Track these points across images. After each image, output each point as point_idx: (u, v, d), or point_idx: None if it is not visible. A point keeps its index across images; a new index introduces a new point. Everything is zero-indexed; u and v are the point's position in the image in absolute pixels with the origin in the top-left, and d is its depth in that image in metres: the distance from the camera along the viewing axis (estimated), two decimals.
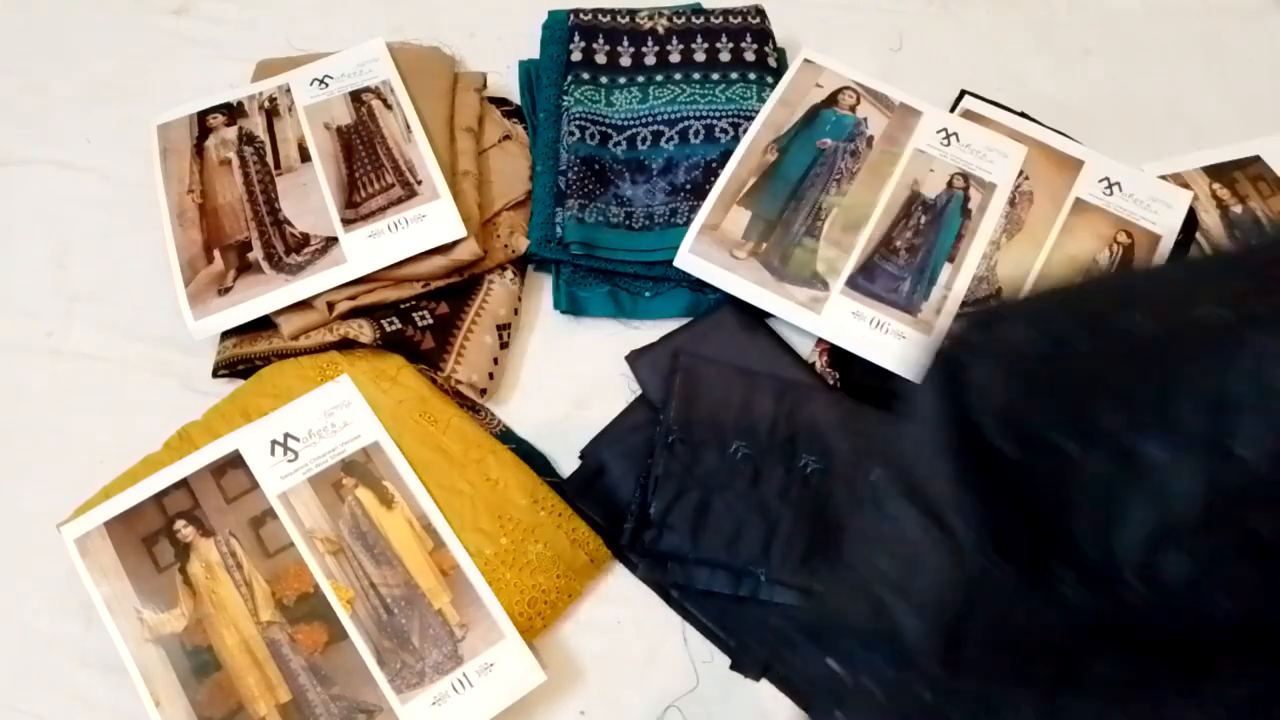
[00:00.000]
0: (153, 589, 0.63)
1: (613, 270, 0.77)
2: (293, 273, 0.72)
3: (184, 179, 0.77)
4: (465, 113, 0.82)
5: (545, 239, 0.77)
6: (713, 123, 0.81)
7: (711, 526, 0.66)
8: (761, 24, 0.85)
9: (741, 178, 0.77)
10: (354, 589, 0.63)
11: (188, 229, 0.75)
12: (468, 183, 0.78)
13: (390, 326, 0.72)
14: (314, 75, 0.82)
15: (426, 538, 0.65)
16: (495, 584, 0.64)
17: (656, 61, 0.84)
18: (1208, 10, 0.92)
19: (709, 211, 0.75)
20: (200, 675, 0.61)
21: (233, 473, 0.66)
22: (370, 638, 0.62)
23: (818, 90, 0.80)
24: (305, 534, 0.65)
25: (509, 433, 0.73)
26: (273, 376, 0.71)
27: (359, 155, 0.78)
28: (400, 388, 0.70)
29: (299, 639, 0.62)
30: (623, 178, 0.80)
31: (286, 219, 0.75)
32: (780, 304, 0.73)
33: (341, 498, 0.66)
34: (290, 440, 0.67)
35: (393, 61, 0.82)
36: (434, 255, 0.73)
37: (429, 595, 0.63)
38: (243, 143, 0.79)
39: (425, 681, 0.61)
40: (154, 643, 0.61)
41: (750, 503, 0.66)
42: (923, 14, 0.93)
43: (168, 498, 0.65)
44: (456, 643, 0.62)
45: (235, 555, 0.64)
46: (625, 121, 0.81)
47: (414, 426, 0.69)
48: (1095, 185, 0.79)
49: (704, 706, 0.64)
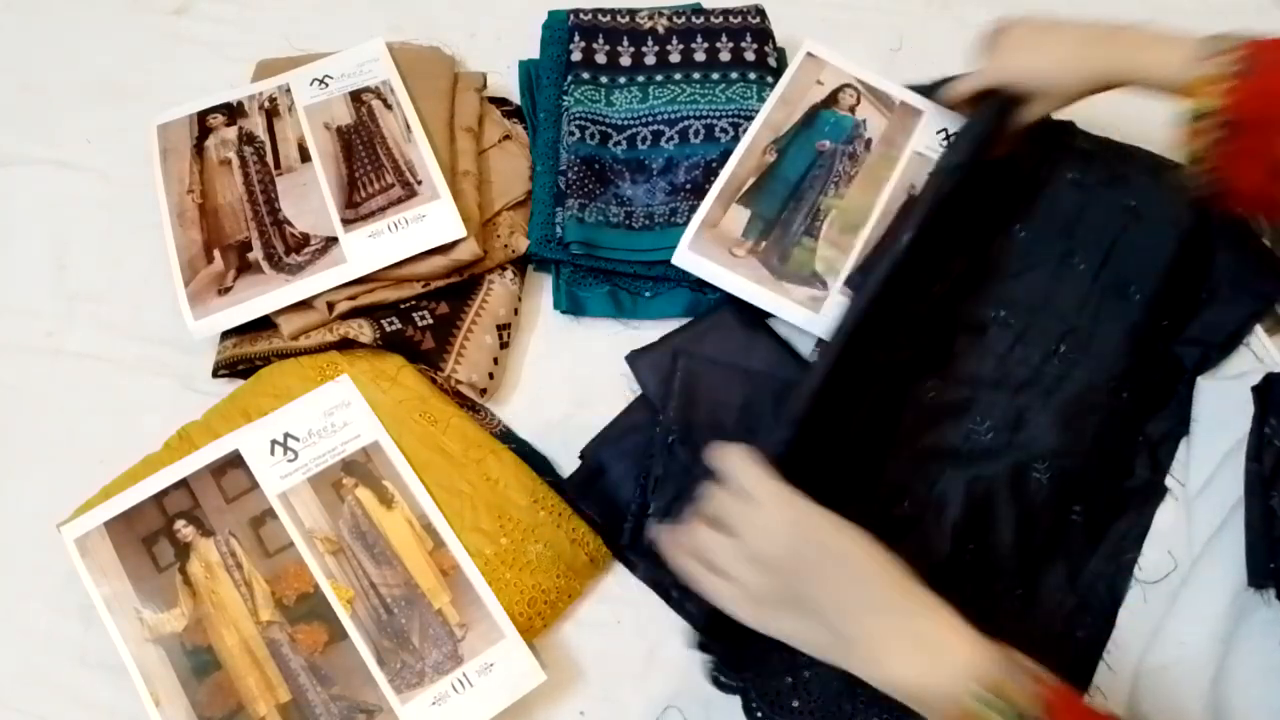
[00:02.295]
0: (152, 589, 0.63)
1: (613, 270, 0.77)
2: (293, 273, 0.72)
3: (184, 179, 0.77)
4: (465, 113, 0.82)
5: (545, 239, 0.77)
6: (713, 122, 0.81)
7: None
8: (761, 24, 0.85)
9: (741, 177, 0.77)
10: (354, 589, 0.63)
11: (188, 229, 0.75)
12: (468, 183, 0.78)
13: (390, 326, 0.72)
14: (314, 75, 0.82)
15: (426, 537, 0.65)
16: (495, 584, 0.64)
17: (656, 61, 0.84)
18: (1208, 10, 0.92)
19: (708, 209, 0.75)
20: (200, 675, 0.61)
21: (233, 472, 0.66)
22: (370, 637, 0.62)
23: (818, 88, 0.80)
24: (305, 534, 0.65)
25: (509, 433, 0.73)
26: (273, 376, 0.71)
27: (359, 155, 0.78)
28: (400, 388, 0.70)
29: (299, 639, 0.62)
30: (623, 177, 0.80)
31: (286, 219, 0.75)
32: (779, 302, 0.73)
33: (341, 497, 0.66)
34: (290, 440, 0.67)
35: (393, 61, 0.82)
36: (434, 255, 0.73)
37: (429, 595, 0.63)
38: (243, 143, 0.79)
39: (425, 681, 0.61)
40: (154, 642, 0.61)
41: None
42: (923, 14, 0.93)
43: (168, 497, 0.65)
44: (456, 642, 0.62)
45: (235, 555, 0.64)
46: (625, 121, 0.81)
47: (414, 426, 0.69)
48: None
49: (704, 706, 0.64)
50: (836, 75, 0.81)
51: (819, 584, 0.48)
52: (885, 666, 0.46)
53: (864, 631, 0.47)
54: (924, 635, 0.46)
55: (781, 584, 0.49)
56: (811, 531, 0.49)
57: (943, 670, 0.45)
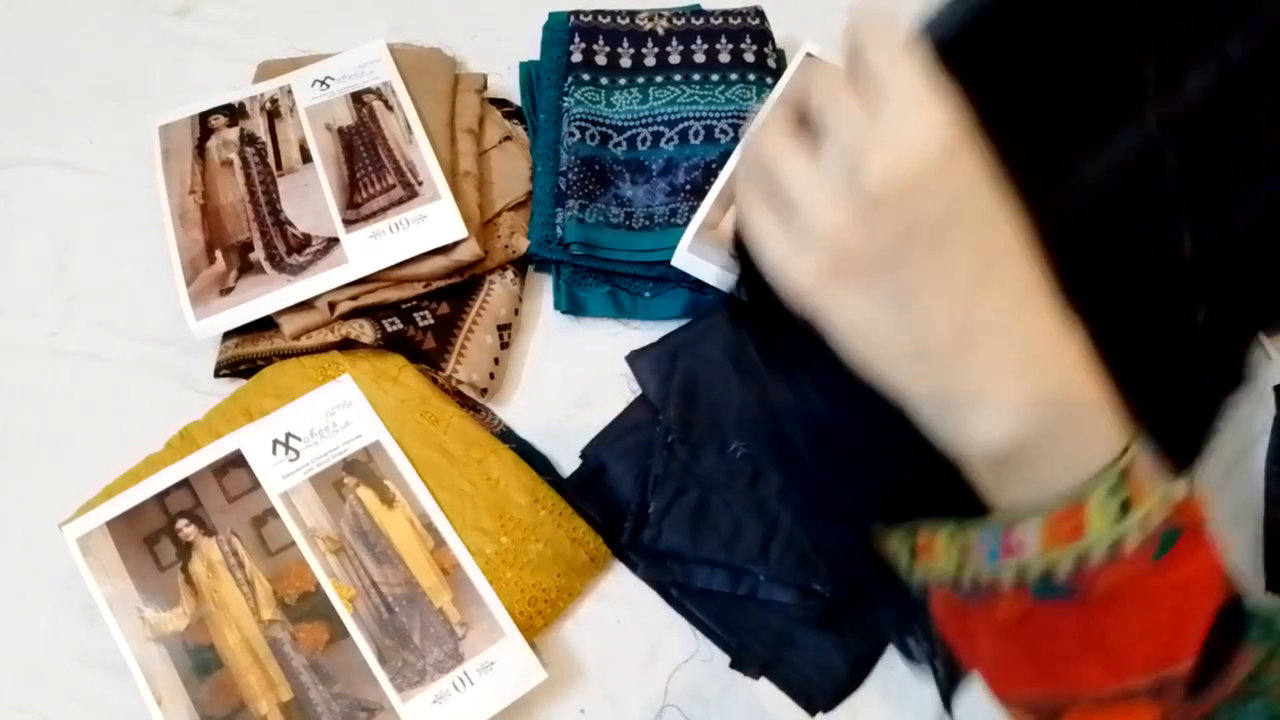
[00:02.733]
0: (154, 588, 0.63)
1: (613, 270, 0.77)
2: (294, 273, 0.73)
3: (185, 180, 0.77)
4: (466, 114, 0.82)
5: (545, 239, 0.77)
6: (712, 123, 0.81)
7: (710, 526, 0.66)
8: (761, 25, 0.85)
9: None
10: (355, 588, 0.63)
11: (189, 229, 0.75)
12: (468, 183, 0.78)
13: (391, 327, 0.72)
14: (315, 76, 0.82)
15: (427, 537, 0.65)
16: (496, 583, 0.64)
17: (656, 62, 0.84)
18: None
19: (708, 210, 0.76)
20: (202, 674, 0.61)
21: (234, 472, 0.67)
22: (371, 636, 0.62)
23: None
24: (307, 533, 0.65)
25: (509, 432, 0.73)
26: (274, 376, 0.72)
27: (360, 156, 0.78)
28: (401, 387, 0.71)
29: (300, 637, 0.62)
30: (623, 178, 0.80)
31: (288, 219, 0.75)
32: None
33: (343, 497, 0.66)
34: (292, 439, 0.68)
35: (394, 63, 0.82)
36: (435, 256, 0.74)
37: (430, 594, 0.63)
38: (244, 144, 0.79)
39: (426, 680, 0.61)
40: (156, 641, 0.61)
41: (749, 502, 0.66)
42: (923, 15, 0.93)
43: (169, 497, 0.66)
44: (457, 641, 0.62)
45: (237, 554, 0.64)
46: (625, 122, 0.82)
47: (415, 426, 0.69)
48: None
49: (704, 706, 0.64)
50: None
51: (935, 259, 0.31)
52: (979, 409, 0.31)
53: (971, 354, 0.31)
54: (1056, 385, 0.31)
55: (881, 240, 0.31)
56: (959, 179, 0.31)
57: (1066, 437, 0.31)
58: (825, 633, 0.65)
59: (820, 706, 0.64)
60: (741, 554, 0.65)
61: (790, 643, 0.65)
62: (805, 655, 0.65)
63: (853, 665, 0.64)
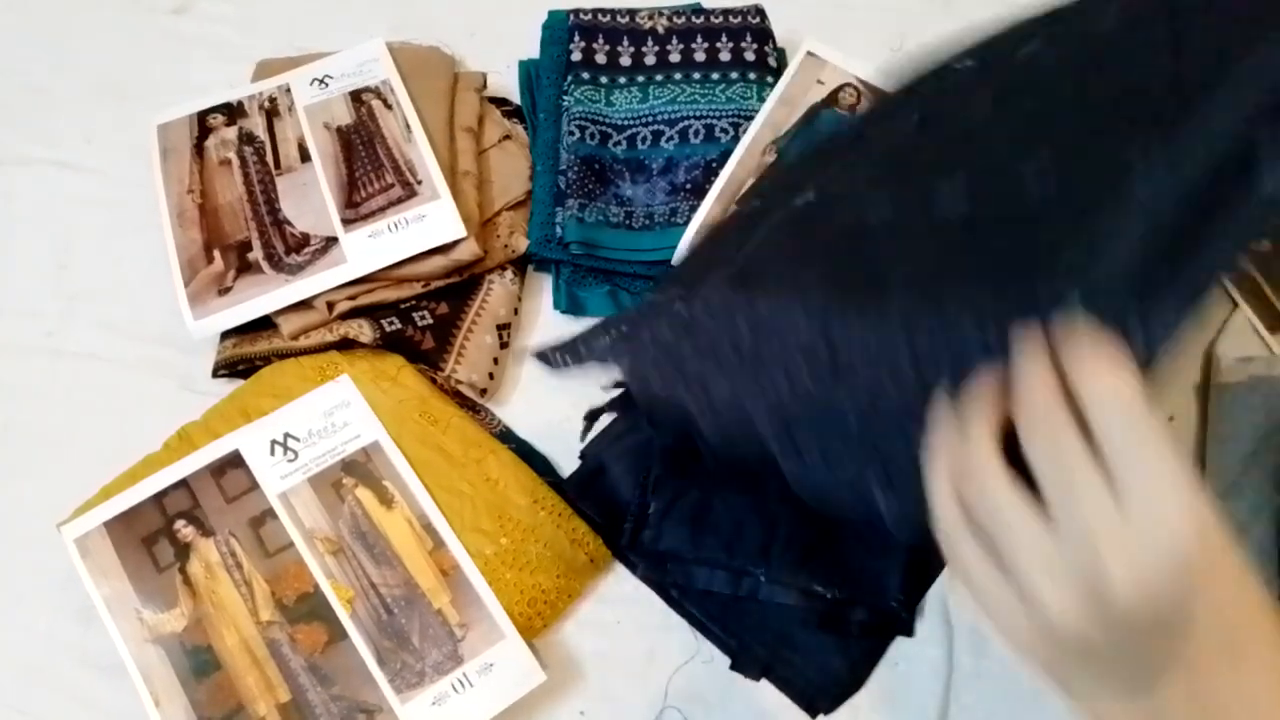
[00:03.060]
0: (152, 589, 0.63)
1: (613, 270, 0.77)
2: (293, 273, 0.72)
3: (184, 179, 0.77)
4: (465, 112, 0.82)
5: (545, 239, 0.77)
6: (713, 122, 0.81)
7: (711, 526, 0.66)
8: (761, 23, 0.85)
9: (741, 177, 0.77)
10: (354, 589, 0.63)
11: (188, 229, 0.75)
12: (468, 183, 0.78)
13: (390, 326, 0.72)
14: (314, 75, 0.82)
15: (426, 537, 0.65)
16: (495, 584, 0.64)
17: (656, 61, 0.84)
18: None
19: (708, 209, 0.75)
20: (200, 675, 0.61)
21: (232, 472, 0.66)
22: (370, 637, 0.62)
23: (819, 88, 0.80)
24: (305, 534, 0.64)
25: (509, 433, 0.73)
26: (272, 376, 0.71)
27: (359, 155, 0.78)
28: (400, 388, 0.70)
29: (299, 639, 0.62)
30: (623, 177, 0.80)
31: (286, 219, 0.75)
32: None
33: (341, 497, 0.66)
34: (290, 440, 0.67)
35: (393, 61, 0.82)
36: (434, 255, 0.73)
37: (429, 595, 0.63)
38: (243, 143, 0.79)
39: (425, 681, 0.61)
40: (154, 642, 0.61)
41: (750, 503, 0.66)
42: (924, 14, 0.92)
43: (167, 498, 0.65)
44: (456, 642, 0.62)
45: (235, 555, 0.64)
46: (625, 121, 0.81)
47: (414, 426, 0.69)
48: None
49: (704, 706, 0.64)
50: (837, 75, 0.81)
51: (1177, 650, 0.29)
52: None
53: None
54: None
55: (1117, 637, 0.29)
56: (1207, 581, 0.29)
57: None
58: (826, 634, 0.64)
59: (821, 708, 0.63)
60: (742, 555, 0.65)
61: (791, 644, 0.64)
62: (806, 656, 0.64)
63: (853, 666, 0.64)
